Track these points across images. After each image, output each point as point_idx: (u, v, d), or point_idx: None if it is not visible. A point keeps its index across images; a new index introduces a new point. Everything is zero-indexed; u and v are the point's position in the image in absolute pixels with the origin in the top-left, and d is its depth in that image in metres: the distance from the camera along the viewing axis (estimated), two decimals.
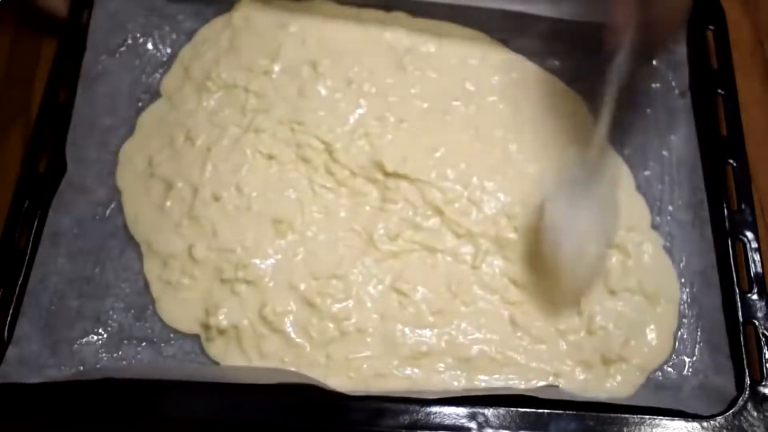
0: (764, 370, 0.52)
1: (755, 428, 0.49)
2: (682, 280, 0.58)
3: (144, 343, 0.56)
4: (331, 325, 0.55)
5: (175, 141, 0.62)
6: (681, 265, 0.58)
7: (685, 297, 0.57)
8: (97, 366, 0.55)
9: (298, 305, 0.56)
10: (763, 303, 0.54)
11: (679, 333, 0.56)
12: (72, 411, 0.51)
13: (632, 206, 0.60)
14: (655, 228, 0.60)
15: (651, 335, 0.56)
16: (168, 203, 0.60)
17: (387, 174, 0.60)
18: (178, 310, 0.57)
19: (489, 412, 0.50)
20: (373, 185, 0.60)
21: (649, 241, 0.59)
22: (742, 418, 0.50)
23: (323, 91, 0.64)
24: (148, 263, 0.58)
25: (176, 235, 0.59)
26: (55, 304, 0.57)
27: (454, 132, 0.63)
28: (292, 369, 0.54)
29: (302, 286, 0.57)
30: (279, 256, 0.58)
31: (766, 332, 0.53)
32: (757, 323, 0.53)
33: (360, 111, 0.63)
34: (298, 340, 0.55)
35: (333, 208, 0.60)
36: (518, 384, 0.54)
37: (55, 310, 0.56)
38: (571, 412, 0.50)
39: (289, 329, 0.55)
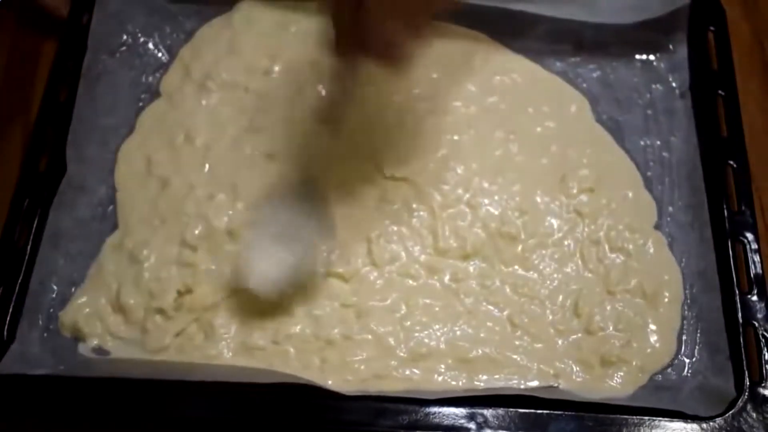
0: (764, 372, 0.51)
1: (755, 430, 0.49)
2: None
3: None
4: (329, 328, 0.55)
5: (175, 140, 0.63)
6: (681, 266, 0.58)
7: (685, 298, 0.57)
8: (97, 365, 0.55)
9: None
10: (763, 304, 0.54)
11: (679, 334, 0.56)
12: (71, 410, 0.51)
13: (639, 205, 0.60)
14: (656, 229, 0.60)
15: (653, 337, 0.56)
16: (161, 200, 0.60)
17: (385, 176, 0.60)
18: None
19: (488, 412, 0.50)
20: (372, 186, 0.60)
21: (653, 241, 0.59)
22: (741, 419, 0.49)
23: (323, 92, 0.64)
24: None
25: (159, 228, 0.59)
26: (55, 305, 0.57)
27: (455, 133, 0.63)
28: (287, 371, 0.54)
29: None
30: None
31: (765, 333, 0.52)
32: (756, 324, 0.53)
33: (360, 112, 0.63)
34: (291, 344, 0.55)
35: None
36: (518, 384, 0.54)
37: (54, 311, 0.57)
38: (570, 412, 0.50)
39: (280, 338, 0.55)
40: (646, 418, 0.50)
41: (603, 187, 0.61)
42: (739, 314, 0.53)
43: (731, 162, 0.59)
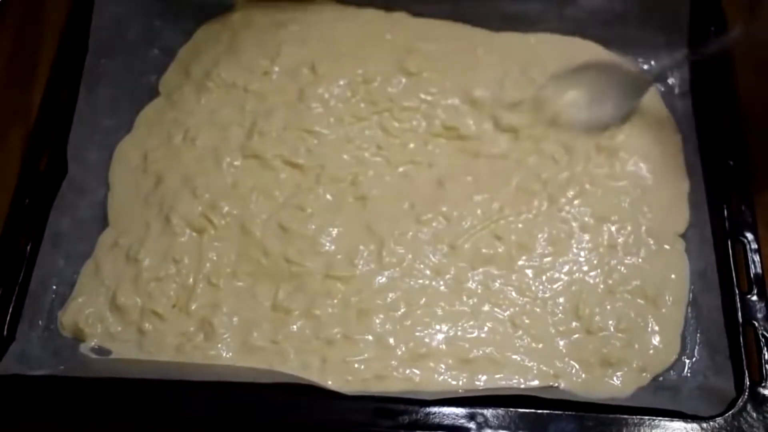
0: (764, 371, 0.51)
1: (754, 429, 0.49)
2: None
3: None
4: (329, 328, 0.55)
5: (173, 139, 0.63)
6: None
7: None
8: (97, 365, 0.55)
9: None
10: (763, 304, 0.53)
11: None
12: (71, 410, 0.51)
13: (675, 213, 0.60)
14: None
15: (655, 338, 0.55)
16: (153, 198, 0.60)
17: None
18: None
19: (488, 412, 0.50)
20: (372, 187, 0.60)
21: (670, 245, 0.58)
22: (741, 419, 0.49)
23: (324, 94, 0.64)
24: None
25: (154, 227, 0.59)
26: (55, 306, 0.57)
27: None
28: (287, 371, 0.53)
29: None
30: None
31: (765, 333, 0.52)
32: (756, 324, 0.53)
33: (361, 113, 0.63)
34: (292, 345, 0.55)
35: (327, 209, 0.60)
36: (518, 384, 0.54)
37: (54, 311, 0.57)
38: (570, 412, 0.50)
39: (279, 337, 0.55)
40: (646, 418, 0.50)
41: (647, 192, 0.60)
42: (739, 314, 0.53)
43: (731, 162, 0.59)
